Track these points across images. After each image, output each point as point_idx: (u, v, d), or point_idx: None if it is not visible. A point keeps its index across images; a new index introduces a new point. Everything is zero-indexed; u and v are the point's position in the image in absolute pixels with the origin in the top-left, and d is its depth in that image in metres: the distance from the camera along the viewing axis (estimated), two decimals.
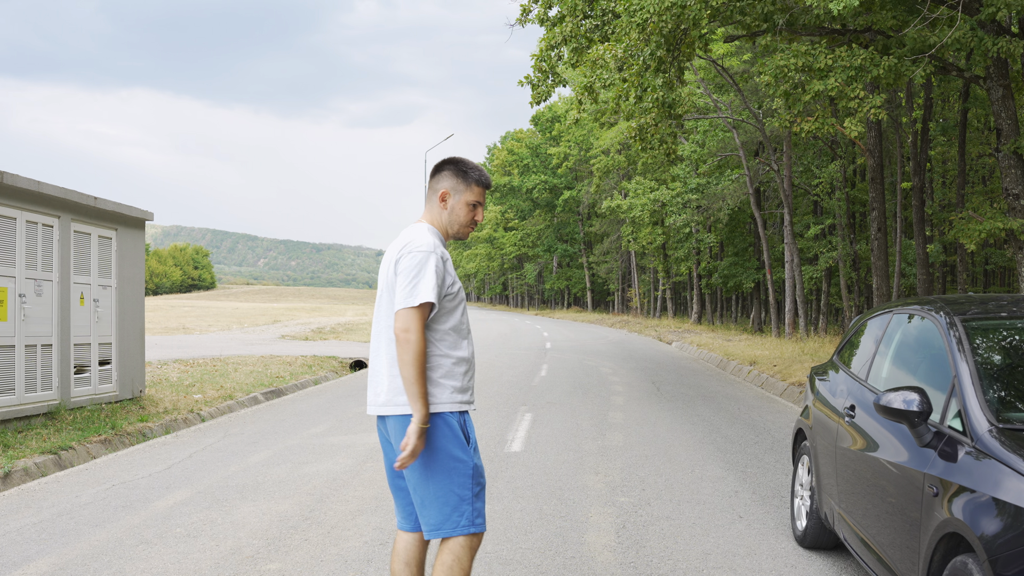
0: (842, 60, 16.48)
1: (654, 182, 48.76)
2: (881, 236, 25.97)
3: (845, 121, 19.72)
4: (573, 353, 30.54)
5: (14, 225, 11.85)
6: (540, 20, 21.92)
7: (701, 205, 44.45)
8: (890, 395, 4.92)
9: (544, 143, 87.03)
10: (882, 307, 6.95)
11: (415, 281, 4.38)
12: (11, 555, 6.88)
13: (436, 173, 4.77)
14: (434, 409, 4.44)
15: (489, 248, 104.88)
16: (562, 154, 77.13)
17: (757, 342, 31.35)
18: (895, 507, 5.05)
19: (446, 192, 4.71)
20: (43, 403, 12.37)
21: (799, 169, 38.21)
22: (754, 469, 10.38)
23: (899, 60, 16.47)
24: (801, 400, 16.55)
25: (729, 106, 38.10)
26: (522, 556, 6.84)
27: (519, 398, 17.01)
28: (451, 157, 4.79)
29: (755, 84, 34.31)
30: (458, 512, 4.45)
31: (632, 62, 18.76)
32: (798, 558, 6.90)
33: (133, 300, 14.94)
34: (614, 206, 50.69)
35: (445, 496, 4.44)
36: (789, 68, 16.82)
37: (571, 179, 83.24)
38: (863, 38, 18.32)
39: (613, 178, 62.63)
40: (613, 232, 69.73)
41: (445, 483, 4.44)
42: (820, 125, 19.38)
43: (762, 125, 34.27)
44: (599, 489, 9.24)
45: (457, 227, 4.75)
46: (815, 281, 41.42)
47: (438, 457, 4.44)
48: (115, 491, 9.18)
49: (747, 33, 20.38)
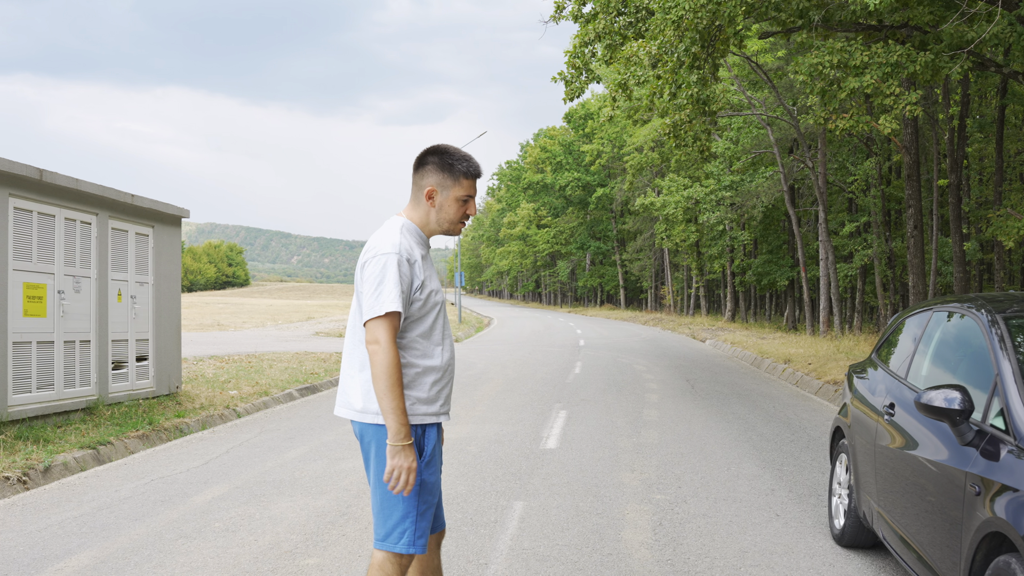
0: (878, 56, 16.36)
1: (688, 179, 48.59)
2: (917, 234, 25.78)
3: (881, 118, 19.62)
4: (607, 350, 30.51)
5: (53, 222, 11.96)
6: (574, 17, 21.90)
7: (735, 202, 44.28)
8: (931, 393, 4.88)
9: (577, 140, 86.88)
10: (921, 305, 6.91)
11: (378, 290, 4.13)
12: (53, 548, 6.94)
13: (420, 166, 4.43)
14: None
15: (522, 245, 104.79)
16: (595, 151, 76.97)
17: (791, 340, 31.21)
18: (936, 506, 5.02)
19: (433, 190, 4.38)
20: (81, 398, 12.48)
21: (834, 166, 38.00)
22: (790, 467, 10.34)
23: (936, 56, 16.35)
24: (837, 398, 16.47)
25: (763, 103, 37.93)
26: (559, 552, 6.85)
27: (553, 395, 17.01)
28: (435, 147, 4.46)
29: (789, 81, 34.13)
30: (399, 529, 4.24)
31: (666, 59, 18.70)
32: (836, 557, 6.87)
33: (170, 297, 15.04)
34: (647, 203, 50.52)
35: (390, 509, 4.24)
36: (824, 66, 16.73)
37: (604, 176, 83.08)
38: (899, 34, 18.20)
39: (646, 175, 62.52)
40: (646, 229, 69.57)
41: (389, 495, 4.23)
42: (855, 122, 19.26)
43: (796, 122, 34.09)
44: (635, 486, 9.23)
45: (448, 224, 4.44)
46: (850, 279, 41.16)
47: (384, 468, 4.21)
48: (154, 486, 9.26)
49: (782, 29, 20.30)
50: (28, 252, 11.42)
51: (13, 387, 11.07)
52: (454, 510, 8.13)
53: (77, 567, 6.47)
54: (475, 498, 8.64)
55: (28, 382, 11.36)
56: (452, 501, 8.48)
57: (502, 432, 12.62)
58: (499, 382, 19.46)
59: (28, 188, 11.38)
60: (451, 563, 6.55)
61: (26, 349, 11.35)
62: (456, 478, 9.53)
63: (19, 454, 9.85)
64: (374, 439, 4.27)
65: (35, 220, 11.58)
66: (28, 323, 11.37)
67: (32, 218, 11.52)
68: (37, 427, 11.24)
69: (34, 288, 11.48)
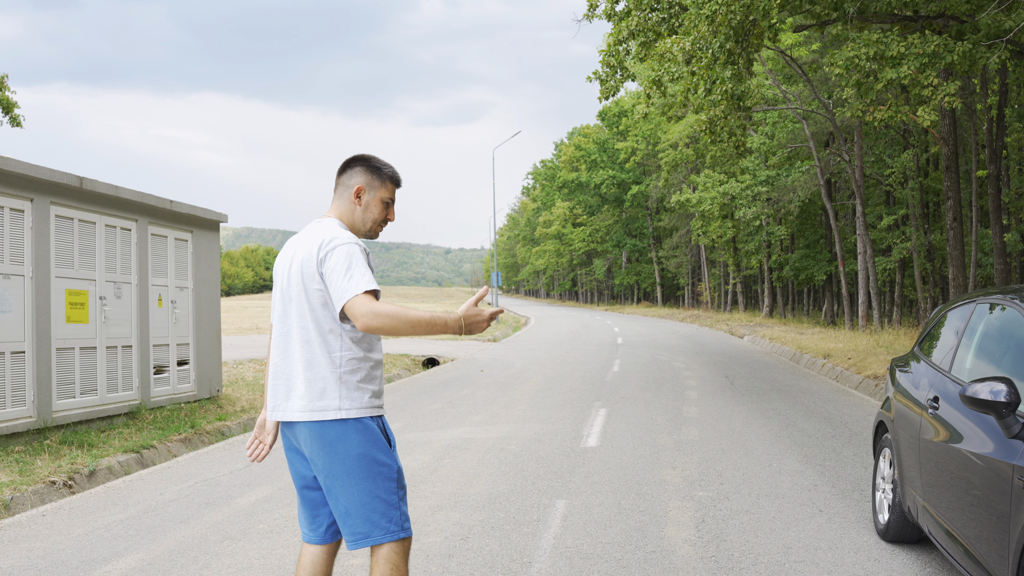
0: (915, 47, 16.25)
1: (723, 175, 48.43)
2: (956, 226, 25.56)
3: (918, 109, 19.45)
4: (644, 348, 30.45)
5: (94, 229, 12.08)
6: (607, 15, 21.90)
7: (771, 197, 44.06)
8: (976, 386, 4.85)
9: (611, 138, 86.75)
10: (963, 297, 6.86)
11: (349, 273, 4.13)
12: (101, 551, 7.01)
13: (346, 169, 4.53)
14: (354, 414, 4.22)
15: (558, 244, 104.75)
16: (630, 149, 76.83)
17: (830, 335, 31.05)
18: (982, 500, 4.99)
19: (361, 188, 4.47)
20: (124, 403, 12.60)
21: (871, 159, 37.73)
22: (832, 463, 10.29)
23: (974, 46, 16.22)
24: (877, 393, 16.37)
25: (798, 96, 37.73)
26: (602, 550, 6.85)
27: (592, 393, 17.00)
28: (360, 155, 4.58)
29: (824, 74, 33.91)
30: (387, 518, 4.22)
31: (700, 55, 18.66)
32: (881, 552, 6.83)
33: (209, 301, 15.14)
34: (683, 200, 50.38)
35: (371, 503, 4.20)
36: (860, 58, 16.63)
37: (639, 174, 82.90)
38: (936, 24, 18.07)
39: (681, 172, 62.35)
40: (682, 226, 69.33)
41: (370, 489, 4.20)
42: (893, 114, 19.13)
43: (832, 115, 33.88)
44: (677, 483, 9.21)
45: (371, 224, 4.51)
46: (888, 272, 40.86)
47: (362, 463, 4.20)
48: (197, 488, 9.33)
49: (817, 22, 20.18)
50: (70, 259, 11.54)
51: (57, 393, 11.20)
52: (496, 509, 8.15)
53: (125, 569, 6.53)
54: (517, 497, 8.65)
55: (72, 387, 11.48)
56: (494, 500, 8.50)
57: (542, 431, 12.62)
58: (538, 381, 19.47)
59: (69, 196, 11.50)
60: (495, 562, 6.57)
61: (70, 355, 11.47)
62: (498, 477, 9.55)
63: (64, 459, 9.96)
64: (341, 437, 4.21)
65: (76, 227, 11.70)
66: (71, 329, 11.50)
67: (73, 225, 11.64)
68: (81, 432, 11.36)
69: (76, 295, 11.61)
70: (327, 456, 4.23)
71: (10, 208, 10.48)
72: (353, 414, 4.20)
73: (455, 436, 12.32)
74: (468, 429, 12.92)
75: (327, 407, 4.20)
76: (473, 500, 8.55)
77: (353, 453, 4.20)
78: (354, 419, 4.21)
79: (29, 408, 10.67)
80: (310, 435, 4.25)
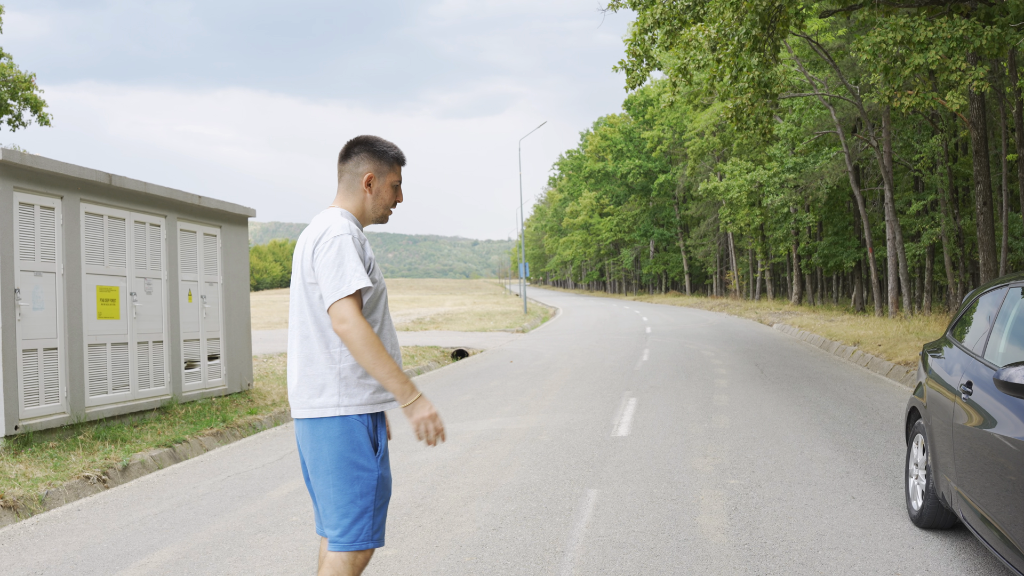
0: (943, 31, 16.13)
1: (750, 163, 48.25)
2: (987, 210, 25.36)
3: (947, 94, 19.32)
4: (673, 337, 30.40)
5: (123, 226, 12.15)
6: (632, 4, 21.83)
7: (799, 184, 43.87)
8: (1011, 370, 4.82)
9: (637, 127, 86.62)
10: (995, 282, 6.81)
11: (340, 271, 4.09)
12: (136, 544, 7.07)
13: (349, 156, 4.43)
14: (353, 411, 4.20)
15: (585, 234, 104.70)
16: (656, 138, 76.70)
17: (860, 322, 30.91)
18: (1017, 484, 4.96)
19: (371, 176, 4.39)
20: (156, 398, 12.68)
21: (899, 144, 37.49)
22: (864, 449, 10.25)
23: (1003, 29, 16.08)
24: (908, 379, 16.30)
25: (825, 83, 37.53)
26: (635, 539, 6.85)
27: (622, 383, 16.99)
28: (362, 137, 4.49)
29: (851, 59, 33.71)
30: (358, 525, 4.18)
31: (726, 42, 18.58)
32: (915, 538, 6.80)
33: (239, 296, 15.20)
34: (710, 188, 50.22)
35: (346, 507, 4.18)
36: (888, 43, 16.51)
37: (665, 163, 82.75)
38: (964, 7, 17.93)
39: (708, 160, 62.18)
40: (710, 215, 69.14)
41: (347, 492, 4.18)
42: (921, 99, 19.00)
43: (859, 101, 33.67)
44: (708, 472, 9.20)
45: (382, 210, 4.46)
46: (918, 258, 40.64)
47: (341, 464, 4.18)
48: (230, 482, 9.38)
49: (843, 7, 20.07)
50: (100, 256, 11.61)
51: (90, 388, 11.28)
52: (528, 499, 8.16)
53: (160, 562, 6.58)
54: (549, 487, 8.66)
55: (104, 383, 11.56)
56: (526, 490, 8.51)
57: (573, 421, 12.63)
58: (567, 371, 19.47)
59: (98, 193, 11.57)
60: (528, 551, 6.58)
61: (101, 351, 11.55)
62: (529, 467, 9.56)
63: (98, 454, 10.04)
64: (328, 433, 4.20)
65: (106, 224, 11.77)
66: (102, 325, 11.57)
67: (103, 222, 11.71)
68: (114, 427, 11.44)
69: (107, 291, 11.68)
70: (312, 452, 4.25)
71: (40, 206, 10.55)
72: (352, 411, 4.19)
73: (486, 427, 12.33)
74: (498, 420, 12.94)
75: (325, 404, 4.20)
76: (505, 490, 8.56)
77: (335, 454, 4.18)
78: (343, 418, 4.19)
79: (62, 404, 10.75)
80: (302, 431, 4.29)
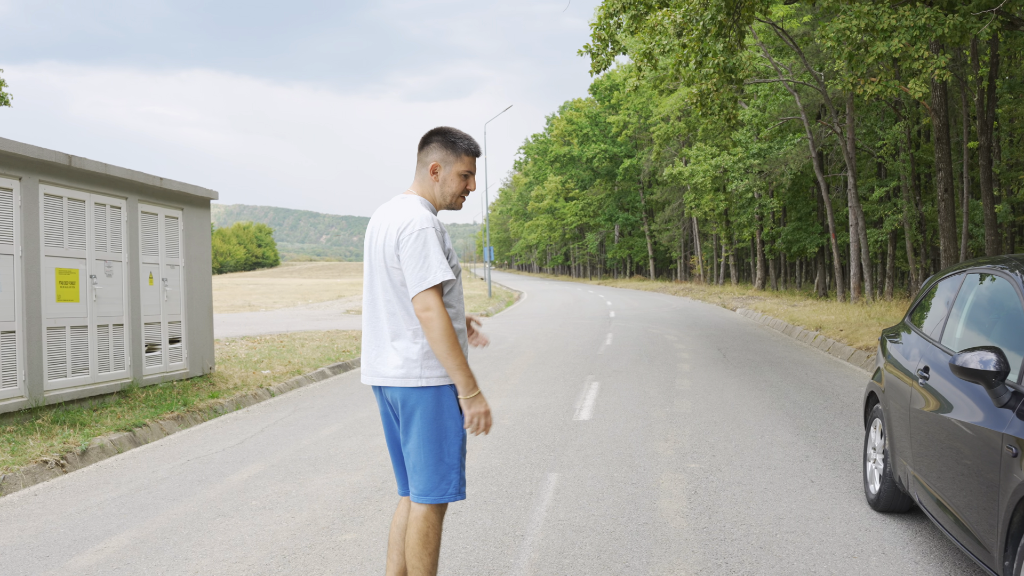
0: (906, 20, 16.20)
1: (715, 148, 48.37)
2: (948, 197, 25.58)
3: (909, 82, 19.42)
4: (637, 321, 30.48)
5: (83, 208, 12.03)
6: None
7: (763, 170, 44.05)
8: (966, 355, 4.85)
9: (603, 112, 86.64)
10: (954, 268, 6.86)
11: (425, 263, 4.40)
12: (94, 529, 7.02)
13: (425, 145, 4.73)
14: (434, 383, 4.52)
15: (550, 218, 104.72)
16: (621, 122, 76.71)
17: (822, 307, 31.10)
18: (972, 469, 5.00)
19: (436, 164, 4.67)
20: (116, 382, 12.59)
21: (862, 131, 37.70)
22: (824, 434, 10.31)
23: (964, 17, 16.18)
24: (869, 364, 16.41)
25: (790, 69, 37.66)
26: (595, 523, 6.86)
27: (585, 367, 17.02)
28: (439, 128, 4.76)
29: (816, 46, 33.87)
30: (446, 481, 4.56)
31: (692, 27, 18.60)
32: (872, 522, 6.85)
33: (201, 279, 15.11)
34: (675, 173, 50.31)
35: (435, 464, 4.54)
36: (852, 30, 16.57)
37: (631, 147, 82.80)
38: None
39: (673, 145, 62.28)
40: (675, 199, 69.35)
41: (437, 451, 4.53)
42: (884, 87, 19.10)
43: (824, 88, 33.82)
44: (669, 456, 9.23)
45: (450, 198, 4.73)
46: (880, 244, 40.92)
47: (436, 427, 4.53)
48: (190, 466, 9.33)
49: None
50: (60, 238, 11.50)
51: (49, 372, 11.18)
52: (489, 483, 8.16)
53: (117, 547, 6.53)
54: (510, 471, 8.67)
55: (63, 367, 11.47)
56: (487, 474, 8.51)
57: (535, 405, 12.64)
58: (531, 355, 19.48)
59: (58, 174, 11.45)
60: (487, 535, 6.59)
61: (60, 334, 11.45)
62: (490, 451, 9.56)
63: (56, 438, 9.95)
64: (419, 402, 4.52)
65: (65, 206, 11.65)
66: (62, 308, 11.47)
67: (63, 204, 11.60)
68: (73, 411, 11.35)
69: (66, 273, 11.57)
70: (406, 419, 4.59)
71: None
72: (433, 382, 4.52)
73: None
74: None
75: (410, 374, 4.52)
76: (466, 474, 8.55)
77: (432, 416, 4.53)
78: (434, 387, 4.53)
79: (20, 388, 10.65)
80: (396, 398, 4.61)
